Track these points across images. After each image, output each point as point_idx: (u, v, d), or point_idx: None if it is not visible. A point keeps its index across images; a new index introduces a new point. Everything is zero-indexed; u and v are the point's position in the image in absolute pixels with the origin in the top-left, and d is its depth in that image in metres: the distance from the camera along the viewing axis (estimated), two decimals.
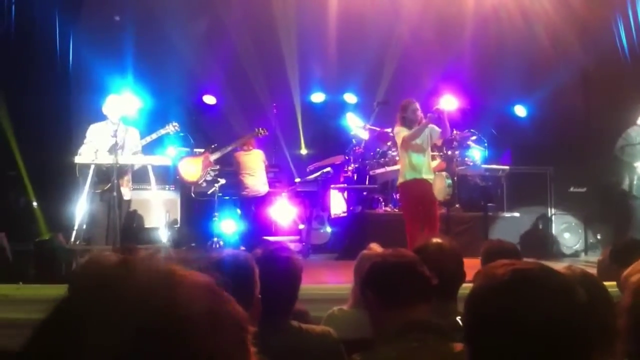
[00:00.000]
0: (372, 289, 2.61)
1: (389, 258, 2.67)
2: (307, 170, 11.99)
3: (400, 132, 8.15)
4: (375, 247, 3.80)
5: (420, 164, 8.17)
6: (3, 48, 9.26)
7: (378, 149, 11.49)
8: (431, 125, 8.23)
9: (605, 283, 2.73)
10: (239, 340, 0.92)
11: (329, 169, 11.51)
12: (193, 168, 10.20)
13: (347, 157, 11.84)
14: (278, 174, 12.22)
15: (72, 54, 10.54)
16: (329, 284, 6.94)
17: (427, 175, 8.25)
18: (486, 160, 11.39)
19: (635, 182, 8.98)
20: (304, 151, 13.63)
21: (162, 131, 8.67)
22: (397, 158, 9.12)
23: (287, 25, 12.68)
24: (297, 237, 11.28)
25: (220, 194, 10.24)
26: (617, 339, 2.29)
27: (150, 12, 11.53)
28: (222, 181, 10.18)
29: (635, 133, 9.10)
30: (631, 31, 11.52)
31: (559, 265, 2.12)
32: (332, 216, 11.36)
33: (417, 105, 8.28)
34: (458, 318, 2.86)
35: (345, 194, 11.45)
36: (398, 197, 9.63)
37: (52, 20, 10.08)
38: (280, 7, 12.45)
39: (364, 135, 11.60)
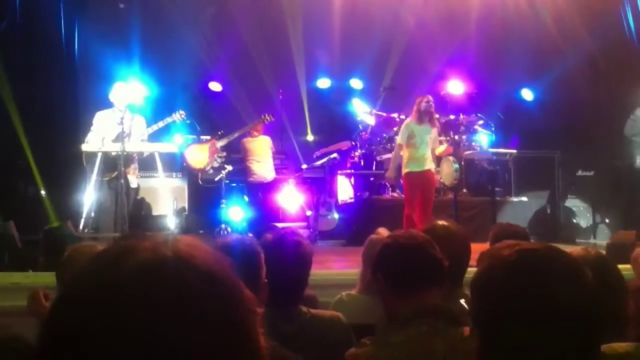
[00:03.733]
0: (383, 271, 2.57)
1: (400, 240, 2.63)
2: (314, 156, 11.98)
3: (400, 132, 8.84)
4: (383, 232, 3.81)
5: (414, 158, 8.53)
6: (9, 38, 9.27)
7: (385, 135, 11.49)
8: (434, 130, 8.73)
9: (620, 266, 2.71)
10: (247, 321, 0.92)
11: (335, 155, 11.50)
12: (200, 155, 10.22)
13: (353, 143, 11.83)
14: (285, 160, 12.22)
15: (78, 42, 10.53)
16: (336, 269, 6.97)
17: (421, 167, 8.54)
18: (493, 145, 11.37)
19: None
20: (310, 137, 13.62)
21: (169, 119, 8.67)
22: None
23: (293, 12, 12.64)
24: (305, 224, 11.28)
25: (228, 181, 10.24)
26: (629, 322, 2.29)
27: (156, 0, 11.53)
28: (229, 168, 10.18)
29: None
30: (638, 15, 11.43)
31: (570, 248, 2.11)
32: (340, 202, 11.36)
33: (428, 98, 8.70)
34: (462, 301, 2.86)
35: (352, 179, 11.45)
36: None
37: (57, 9, 10.07)
38: None
39: (371, 120, 11.59)
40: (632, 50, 11.47)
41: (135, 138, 8.14)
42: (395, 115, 11.13)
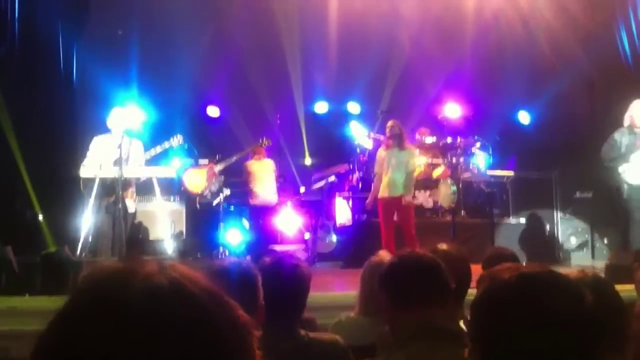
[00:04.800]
0: (388, 289, 2.57)
1: (409, 260, 2.63)
2: (312, 179, 12.00)
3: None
4: (384, 255, 3.80)
5: (385, 183, 8.78)
6: (8, 62, 9.30)
7: None
8: (405, 152, 8.90)
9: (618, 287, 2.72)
10: (245, 343, 0.93)
11: (333, 177, 11.51)
12: (198, 179, 10.23)
13: (351, 166, 11.84)
14: (283, 183, 12.22)
15: (77, 67, 10.58)
16: (335, 291, 6.95)
17: (393, 193, 8.73)
18: (491, 167, 11.39)
19: (623, 186, 8.88)
20: (308, 161, 13.63)
21: (166, 144, 8.69)
22: None
23: (290, 36, 12.72)
24: (303, 246, 11.27)
25: (225, 205, 10.23)
26: (629, 343, 2.28)
27: (154, 25, 11.59)
28: (227, 192, 10.18)
29: (619, 135, 8.91)
30: (633, 36, 11.51)
31: (568, 270, 2.12)
32: (338, 225, 11.35)
33: (394, 123, 9.06)
34: (461, 322, 2.85)
35: (350, 202, 11.44)
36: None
37: (56, 34, 10.12)
38: (283, 18, 12.49)
39: (368, 144, 11.61)
40: (627, 70, 11.54)
41: (133, 162, 8.15)
42: None
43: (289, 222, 11.56)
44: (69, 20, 10.26)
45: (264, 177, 10.31)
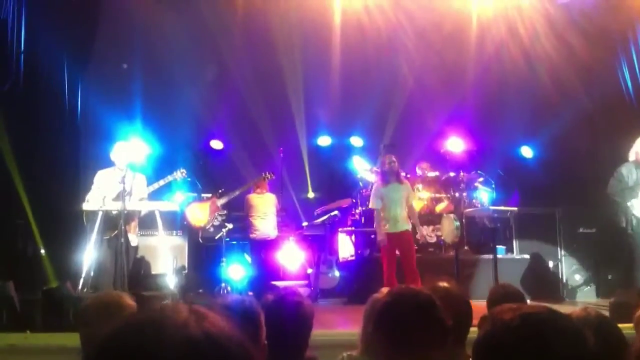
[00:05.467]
0: (383, 331, 2.51)
1: (402, 298, 2.57)
2: (315, 213, 11.98)
3: (370, 198, 9.16)
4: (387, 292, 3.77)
5: (386, 219, 8.78)
6: (12, 96, 9.35)
7: None
8: (404, 187, 8.88)
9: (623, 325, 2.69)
10: None
11: (336, 212, 11.51)
12: (200, 213, 10.22)
13: (354, 200, 11.84)
14: (285, 217, 12.20)
15: (81, 101, 10.63)
16: (338, 329, 6.89)
17: (395, 229, 8.74)
18: (494, 202, 11.37)
19: (631, 220, 8.86)
20: (311, 195, 13.64)
21: (170, 178, 8.71)
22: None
23: (293, 70, 12.80)
24: (306, 282, 11.22)
25: (228, 239, 10.21)
26: None
27: (158, 60, 11.67)
28: (230, 226, 10.16)
29: (627, 170, 8.94)
30: (635, 72, 11.56)
31: (571, 308, 2.10)
32: (340, 260, 11.30)
33: (390, 159, 8.99)
34: None
35: (353, 237, 11.41)
36: None
37: (60, 68, 10.18)
38: (286, 53, 12.58)
39: (371, 178, 11.61)
40: (629, 106, 11.57)
41: (136, 196, 8.17)
42: None
43: (292, 257, 11.52)
44: (73, 55, 10.33)
45: (265, 211, 10.29)
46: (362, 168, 12.05)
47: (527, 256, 10.92)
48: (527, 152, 13.65)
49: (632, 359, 2.34)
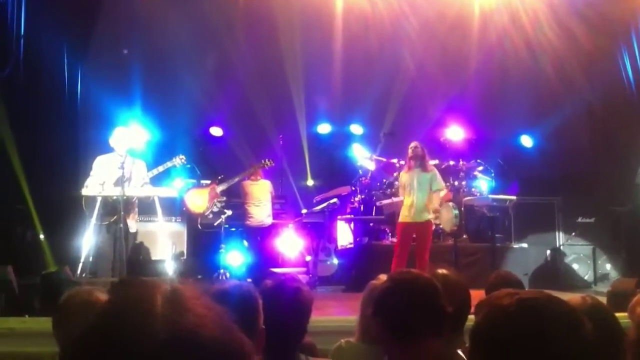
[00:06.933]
0: (382, 316, 2.50)
1: (402, 284, 2.55)
2: (314, 201, 11.98)
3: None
4: (384, 278, 3.77)
5: (406, 205, 8.60)
6: (13, 83, 9.33)
7: (384, 180, 11.50)
8: (428, 174, 8.65)
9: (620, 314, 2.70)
10: None
11: (335, 200, 11.50)
12: (199, 199, 10.21)
13: (353, 188, 11.83)
14: (284, 205, 12.21)
15: (81, 87, 10.61)
16: (336, 316, 6.91)
17: (413, 218, 8.55)
18: (493, 191, 11.37)
19: None
20: (310, 182, 13.64)
21: (169, 164, 8.69)
22: None
23: (293, 58, 12.76)
24: (304, 269, 11.23)
25: (227, 226, 10.20)
26: None
27: (158, 46, 11.63)
28: (229, 212, 10.15)
29: None
30: (636, 63, 11.53)
31: (569, 296, 2.10)
32: (339, 247, 11.32)
33: (413, 144, 8.78)
34: (459, 351, 2.81)
35: (352, 225, 11.42)
36: None
37: (61, 53, 10.16)
38: (287, 40, 12.54)
39: (371, 166, 11.61)
40: (629, 98, 11.55)
41: (135, 182, 8.16)
42: (395, 160, 11.15)
43: (291, 244, 11.53)
44: (74, 40, 10.31)
45: (260, 198, 10.27)
46: (361, 156, 12.04)
47: (525, 245, 10.92)
48: (527, 141, 13.64)
49: (628, 348, 2.35)
